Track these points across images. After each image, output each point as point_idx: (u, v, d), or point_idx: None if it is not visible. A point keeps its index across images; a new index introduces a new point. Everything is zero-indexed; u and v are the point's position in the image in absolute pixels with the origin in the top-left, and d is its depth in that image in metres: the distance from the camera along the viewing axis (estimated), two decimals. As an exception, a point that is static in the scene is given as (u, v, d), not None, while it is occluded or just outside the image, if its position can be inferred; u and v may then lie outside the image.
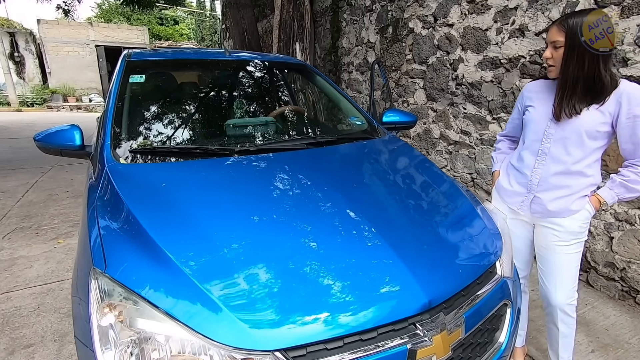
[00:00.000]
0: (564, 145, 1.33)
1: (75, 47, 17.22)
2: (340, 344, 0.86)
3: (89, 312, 0.93)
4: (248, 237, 1.05)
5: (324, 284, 0.93)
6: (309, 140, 1.77)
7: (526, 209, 1.46)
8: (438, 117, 3.52)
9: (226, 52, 2.26)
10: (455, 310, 1.01)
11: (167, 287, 0.90)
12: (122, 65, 1.91)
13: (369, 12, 4.36)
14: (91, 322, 0.91)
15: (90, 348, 0.90)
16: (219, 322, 0.84)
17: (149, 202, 1.18)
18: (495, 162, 1.67)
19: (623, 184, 1.31)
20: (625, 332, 1.99)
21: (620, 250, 2.22)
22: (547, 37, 1.30)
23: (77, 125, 1.64)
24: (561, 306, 1.43)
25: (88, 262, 1.02)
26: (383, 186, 1.48)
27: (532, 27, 2.57)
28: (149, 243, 1.01)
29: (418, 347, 0.91)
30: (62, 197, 4.03)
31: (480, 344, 1.11)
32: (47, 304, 2.17)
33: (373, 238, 1.09)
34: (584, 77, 1.23)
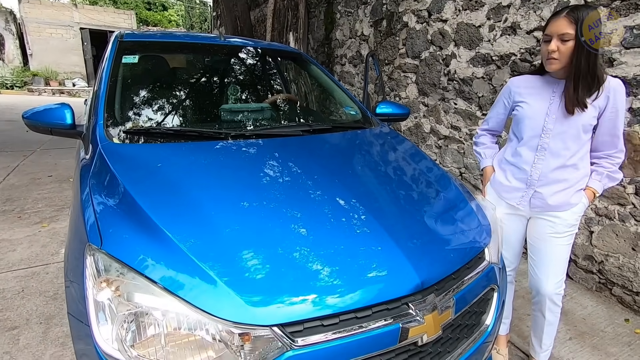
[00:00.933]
0: (562, 139, 1.36)
1: (58, 29, 16.62)
2: (336, 321, 0.88)
3: (84, 288, 0.92)
4: (244, 218, 1.06)
5: (322, 264, 0.95)
6: (304, 127, 1.78)
7: (526, 204, 1.48)
8: (429, 111, 3.56)
9: (221, 36, 2.23)
10: (446, 292, 1.04)
11: (165, 263, 0.91)
12: (115, 45, 1.87)
13: (363, 4, 4.36)
14: (87, 298, 0.91)
15: (86, 323, 0.90)
16: (217, 297, 0.85)
17: (144, 181, 1.17)
18: (484, 158, 1.67)
19: (609, 175, 1.41)
20: (601, 322, 2.08)
21: (599, 244, 2.32)
22: (552, 30, 1.27)
23: (68, 104, 1.60)
24: (550, 295, 1.49)
25: (83, 239, 1.01)
26: (375, 175, 1.50)
27: (524, 25, 2.62)
28: (145, 220, 1.01)
29: (410, 325, 0.93)
30: (45, 181, 3.93)
31: (468, 325, 1.15)
32: (31, 287, 2.13)
33: (370, 224, 1.11)
34: (590, 70, 1.26)
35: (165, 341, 0.85)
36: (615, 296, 2.27)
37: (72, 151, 5.28)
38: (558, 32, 1.26)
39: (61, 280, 2.21)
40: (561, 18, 1.25)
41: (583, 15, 1.22)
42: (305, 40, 4.75)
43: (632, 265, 2.17)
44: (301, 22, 4.45)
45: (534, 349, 1.65)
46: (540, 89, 1.42)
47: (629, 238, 2.17)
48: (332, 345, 0.86)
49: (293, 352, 0.83)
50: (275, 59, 2.49)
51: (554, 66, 1.31)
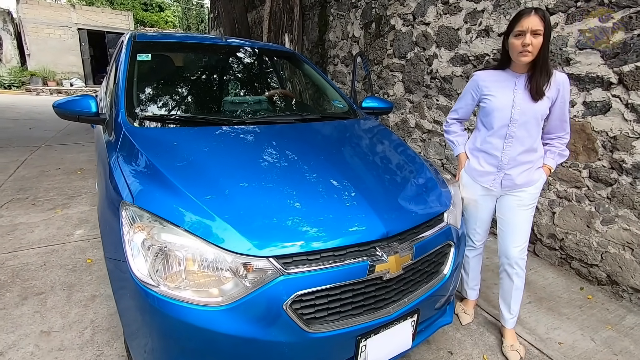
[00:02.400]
0: (526, 128, 1.58)
1: (56, 30, 16.76)
2: (318, 257, 1.15)
3: (121, 234, 1.18)
4: (247, 181, 1.32)
5: (308, 212, 1.22)
6: (297, 116, 2.04)
7: (497, 185, 1.70)
8: (414, 107, 3.84)
9: (222, 37, 2.49)
10: (407, 242, 1.31)
11: (185, 213, 1.16)
12: (129, 44, 2.12)
13: (354, 8, 4.63)
14: (124, 241, 1.16)
15: (123, 260, 1.16)
16: (226, 236, 1.11)
17: (163, 154, 1.43)
18: (457, 145, 1.86)
19: (560, 153, 1.69)
20: (559, 289, 2.37)
21: (560, 223, 2.60)
22: (525, 26, 1.43)
23: (92, 95, 1.85)
24: (516, 259, 1.72)
25: (116, 198, 1.27)
26: (357, 155, 1.76)
27: (495, 29, 2.91)
28: (166, 181, 1.27)
29: (376, 263, 1.20)
30: (54, 173, 4.16)
31: (427, 272, 1.42)
32: (52, 262, 2.37)
33: (347, 187, 1.38)
34: (547, 62, 1.49)
35: (185, 273, 1.10)
36: (573, 269, 2.56)
37: (75, 147, 5.51)
38: (532, 28, 1.43)
39: (78, 256, 2.45)
40: (533, 16, 1.43)
41: (547, 15, 1.44)
42: (300, 41, 5.02)
43: (587, 240, 2.45)
44: (296, 24, 4.72)
45: (503, 316, 1.85)
46: (504, 82, 1.61)
47: (584, 217, 2.45)
48: (314, 273, 1.12)
49: (284, 277, 1.09)
50: (272, 58, 2.75)
51: (527, 58, 1.48)
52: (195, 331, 1.06)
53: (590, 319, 2.09)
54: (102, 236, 1.38)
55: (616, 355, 1.82)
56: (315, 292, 1.13)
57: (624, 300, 2.28)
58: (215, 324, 1.06)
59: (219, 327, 1.06)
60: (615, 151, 2.26)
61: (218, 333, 1.06)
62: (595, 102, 2.32)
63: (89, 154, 5.13)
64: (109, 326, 1.83)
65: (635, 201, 2.20)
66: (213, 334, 1.06)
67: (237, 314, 1.07)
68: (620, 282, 2.31)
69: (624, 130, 2.20)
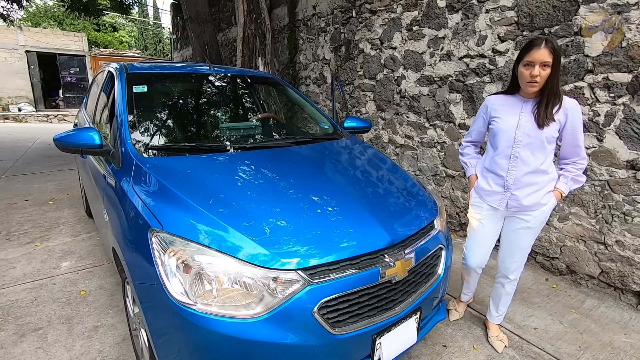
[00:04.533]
0: (530, 149, 1.62)
1: (1, 52, 15.80)
2: (337, 267, 1.30)
3: (153, 259, 1.27)
4: (263, 201, 1.45)
5: (327, 230, 1.37)
6: (291, 139, 2.20)
7: (504, 205, 1.74)
8: (386, 124, 4.14)
9: (210, 66, 2.62)
10: (409, 247, 1.50)
11: (212, 233, 1.27)
12: (123, 77, 2.19)
13: (323, 32, 4.92)
14: (156, 265, 1.25)
15: (157, 283, 1.24)
16: (256, 254, 1.23)
17: (179, 181, 1.53)
18: (470, 167, 1.93)
19: (574, 178, 1.69)
20: (528, 282, 2.67)
21: (524, 223, 2.93)
22: (536, 57, 1.49)
23: (93, 127, 1.91)
24: (513, 273, 1.86)
25: (143, 226, 1.35)
26: (355, 172, 1.95)
27: (456, 53, 3.27)
28: (189, 207, 1.37)
29: (386, 269, 1.37)
30: (23, 205, 3.98)
31: (425, 273, 1.61)
32: (43, 296, 2.31)
33: (352, 203, 1.56)
34: (556, 91, 1.54)
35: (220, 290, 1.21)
36: (538, 263, 2.89)
37: (39, 176, 5.26)
38: (541, 60, 1.48)
39: (70, 289, 2.41)
40: (542, 48, 1.47)
41: (557, 46, 1.48)
42: (273, 63, 5.22)
43: (548, 236, 2.79)
44: (268, 48, 4.93)
45: (491, 313, 2.02)
46: (511, 106, 1.68)
47: (544, 216, 2.80)
48: (336, 281, 1.27)
49: (311, 286, 1.23)
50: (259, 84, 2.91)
51: (535, 88, 1.55)
52: (235, 342, 1.17)
53: (557, 306, 2.38)
54: (127, 264, 1.44)
55: (581, 334, 2.10)
56: (338, 298, 1.27)
57: (582, 287, 2.62)
58: (253, 334, 1.17)
59: (256, 336, 1.18)
60: (564, 158, 2.63)
61: (256, 342, 1.17)
62: (545, 116, 2.69)
63: (57, 182, 4.93)
64: (118, 355, 1.84)
65: (584, 200, 2.56)
66: (251, 343, 1.17)
67: (272, 323, 1.19)
68: (577, 271, 2.65)
69: (570, 139, 2.58)
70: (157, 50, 26.62)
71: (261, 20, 4.92)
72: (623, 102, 2.31)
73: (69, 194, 4.42)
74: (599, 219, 2.50)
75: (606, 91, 2.37)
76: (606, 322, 2.21)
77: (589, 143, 2.48)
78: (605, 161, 2.42)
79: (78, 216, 3.69)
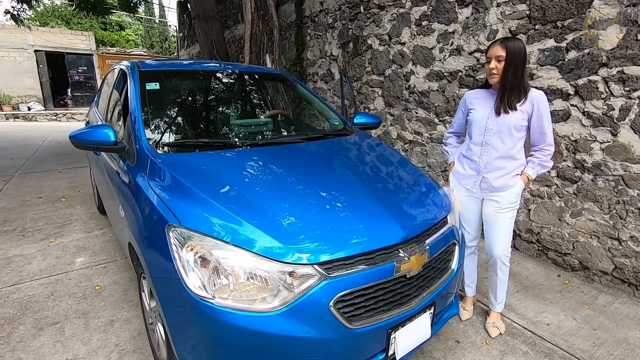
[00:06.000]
0: (499, 136, 1.80)
1: (11, 52, 15.99)
2: (353, 261, 1.31)
3: (170, 253, 1.28)
4: (278, 197, 1.46)
5: (341, 225, 1.38)
6: (302, 135, 2.20)
7: (477, 187, 1.92)
8: (395, 120, 4.12)
9: (221, 63, 2.63)
10: (423, 242, 1.50)
11: (230, 229, 1.28)
12: (136, 75, 2.21)
13: (331, 28, 4.91)
14: (174, 259, 1.27)
15: (175, 277, 1.26)
16: (273, 248, 1.24)
17: (195, 177, 1.55)
18: (450, 155, 2.14)
19: (540, 163, 1.84)
20: (540, 278, 2.65)
21: (535, 218, 2.92)
22: (490, 54, 1.73)
23: (108, 124, 1.93)
24: (500, 257, 1.95)
25: (160, 222, 1.37)
26: (366, 167, 1.96)
27: (466, 48, 3.24)
28: (205, 202, 1.39)
29: (401, 263, 1.37)
30: (36, 202, 4.04)
31: (439, 268, 1.61)
32: (60, 291, 2.35)
33: (366, 198, 1.56)
34: (516, 82, 1.72)
35: (234, 285, 1.22)
36: (550, 259, 2.87)
37: (51, 174, 5.33)
38: (494, 55, 1.73)
39: (85, 284, 2.45)
40: (497, 45, 1.73)
41: (511, 44, 1.70)
42: (281, 60, 5.23)
43: (560, 232, 2.77)
44: (276, 44, 4.93)
45: (491, 302, 2.12)
46: (485, 99, 1.88)
47: (556, 211, 2.77)
48: (351, 276, 1.28)
49: (327, 281, 1.24)
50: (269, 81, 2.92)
51: (494, 79, 1.77)
52: (253, 335, 1.18)
53: (569, 302, 2.37)
54: (144, 259, 1.46)
55: (595, 330, 2.09)
56: (354, 292, 1.28)
57: (595, 283, 2.60)
58: (270, 328, 1.19)
59: (273, 329, 1.19)
60: (577, 153, 2.60)
61: (273, 335, 1.19)
62: (557, 111, 2.67)
63: (68, 180, 4.99)
64: (134, 348, 1.87)
65: (597, 195, 2.53)
66: (269, 336, 1.19)
67: (289, 317, 1.20)
68: (590, 267, 2.63)
69: (583, 134, 2.55)
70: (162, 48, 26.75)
71: (269, 17, 4.92)
72: (638, 96, 2.28)
73: (81, 191, 4.48)
74: (613, 214, 2.48)
75: (621, 85, 2.34)
76: (620, 318, 2.19)
77: (602, 137, 2.45)
78: (620, 156, 2.39)
79: (90, 213, 3.74)
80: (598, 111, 2.45)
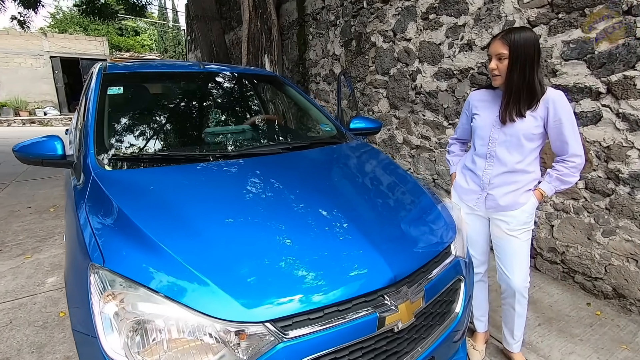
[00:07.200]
0: (506, 147, 1.51)
1: (27, 58, 16.34)
2: (321, 314, 1.00)
3: (89, 303, 1.01)
4: (232, 229, 1.17)
5: (306, 266, 1.07)
6: (283, 145, 1.91)
7: (481, 205, 1.63)
8: (401, 123, 3.79)
9: (200, 64, 2.37)
10: (417, 283, 1.18)
11: (164, 274, 1.00)
12: (99, 77, 1.97)
13: (333, 26, 4.61)
14: (93, 312, 0.99)
15: (93, 335, 0.98)
16: (213, 300, 0.96)
17: (137, 202, 1.27)
18: (452, 165, 1.85)
19: (559, 177, 1.51)
20: (566, 307, 2.27)
21: (559, 236, 2.54)
22: (491, 51, 1.46)
23: (57, 135, 1.68)
24: (519, 289, 1.62)
25: (85, 259, 1.10)
26: (351, 185, 1.65)
27: (478, 42, 2.89)
28: (141, 236, 1.11)
29: (386, 314, 1.06)
30: (24, 212, 3.89)
31: (439, 313, 1.29)
32: (20, 319, 2.13)
33: (346, 227, 1.25)
34: (525, 84, 1.41)
35: (168, 346, 0.94)
36: (577, 283, 2.48)
37: (48, 181, 5.22)
38: (495, 52, 1.45)
39: (50, 310, 2.22)
40: (497, 40, 1.43)
41: (515, 36, 1.39)
42: (280, 61, 4.96)
43: (589, 253, 2.38)
44: (275, 44, 4.66)
45: (507, 340, 1.78)
46: (491, 102, 1.58)
47: (584, 229, 2.39)
48: (319, 335, 0.98)
49: (284, 344, 0.94)
50: (253, 83, 2.64)
51: (497, 81, 1.49)
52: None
53: (603, 339, 1.99)
54: (68, 305, 1.20)
55: (637, 378, 1.72)
56: (321, 358, 0.98)
57: (633, 314, 2.21)
58: (205, 407, 0.90)
59: (210, 410, 0.90)
60: (610, 161, 2.22)
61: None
62: (585, 112, 2.29)
63: (63, 188, 4.85)
64: (84, 394, 1.61)
65: (635, 211, 2.15)
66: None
67: (233, 393, 0.91)
68: (627, 295, 2.24)
69: (617, 139, 2.17)
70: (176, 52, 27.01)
71: (267, 15, 4.66)
72: (688, 94, 1.89)
73: (72, 201, 4.31)
74: (655, 234, 2.09)
75: (665, 81, 1.95)
76: (668, 364, 1.81)
77: (642, 144, 2.07)
78: (664, 166, 2.01)
79: (76, 225, 3.55)
80: (636, 112, 2.07)
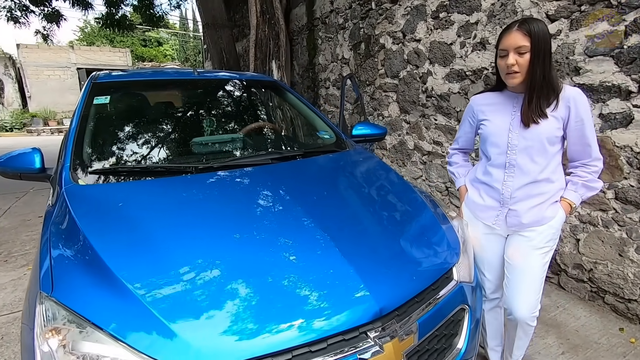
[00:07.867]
0: (529, 154, 1.32)
1: (56, 70, 17.10)
2: (289, 357, 0.86)
3: (33, 337, 0.91)
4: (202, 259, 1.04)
5: (271, 297, 0.93)
6: (276, 155, 1.78)
7: (502, 222, 1.42)
8: (411, 128, 3.60)
9: (195, 71, 2.28)
10: (409, 317, 1.02)
11: (117, 311, 0.89)
12: (88, 87, 1.92)
13: (342, 29, 4.48)
14: (34, 348, 0.89)
15: (34, 375, 0.88)
16: (167, 344, 0.83)
17: (105, 225, 1.17)
18: (458, 177, 1.64)
19: (585, 184, 1.34)
20: (595, 332, 2.02)
21: (586, 251, 2.28)
22: (507, 44, 1.25)
23: (37, 148, 1.63)
24: (524, 319, 1.41)
25: (36, 286, 1.01)
26: (341, 199, 1.49)
27: (492, 41, 2.68)
28: (100, 267, 1.00)
29: (369, 356, 0.91)
30: (35, 222, 3.93)
31: (437, 350, 1.11)
32: (12, 334, 2.09)
33: (328, 248, 1.10)
34: (546, 80, 1.24)
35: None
36: (608, 304, 2.22)
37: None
38: (514, 46, 1.23)
39: (42, 324, 2.17)
40: (514, 32, 1.23)
41: (536, 26, 1.21)
42: (288, 67, 4.87)
43: (621, 271, 2.12)
44: (283, 49, 4.58)
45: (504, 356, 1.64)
46: (501, 105, 1.39)
47: (615, 244, 2.14)
48: (285, 383, 0.83)
49: (243, 394, 0.80)
50: (248, 89, 2.53)
51: (516, 80, 1.27)
52: None
53: (639, 372, 1.74)
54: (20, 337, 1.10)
55: (681, 423, 1.47)
56: (288, 410, 0.83)
57: (675, 343, 1.94)
58: None
59: None
60: (643, 168, 1.97)
61: None
62: (614, 113, 2.05)
63: (76, 197, 4.92)
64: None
65: (675, 225, 1.89)
66: None
67: None
68: (667, 320, 1.97)
69: (652, 144, 1.92)
70: (196, 61, 27.65)
71: (275, 21, 4.59)
72: None
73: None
74: (700, 252, 1.82)
75: None
76: None
77: (681, 149, 1.81)
78: None
79: (82, 234, 3.55)
80: (674, 113, 1.82)
